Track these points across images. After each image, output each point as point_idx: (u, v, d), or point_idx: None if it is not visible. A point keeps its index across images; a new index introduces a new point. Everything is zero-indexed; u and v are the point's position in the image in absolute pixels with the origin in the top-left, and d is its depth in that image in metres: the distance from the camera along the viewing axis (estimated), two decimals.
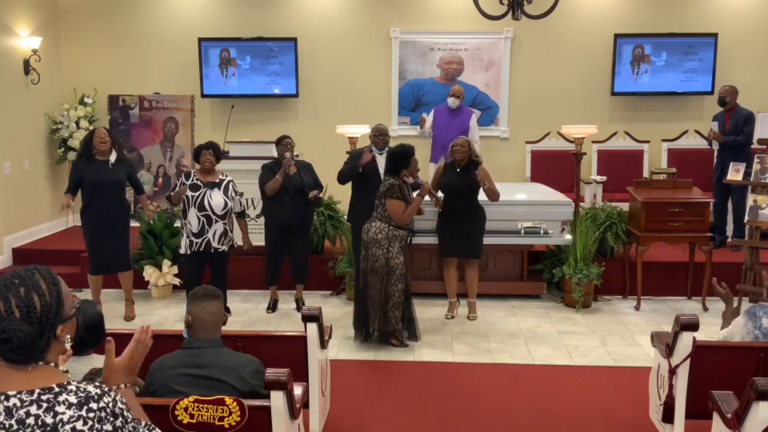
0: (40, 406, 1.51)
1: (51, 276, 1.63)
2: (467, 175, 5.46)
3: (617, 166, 7.83)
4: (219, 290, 2.94)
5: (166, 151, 7.96)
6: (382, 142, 5.61)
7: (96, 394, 1.56)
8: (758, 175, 5.69)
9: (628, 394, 4.21)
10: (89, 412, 1.53)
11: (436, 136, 7.13)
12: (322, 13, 8.19)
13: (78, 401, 1.53)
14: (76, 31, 8.26)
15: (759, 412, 2.52)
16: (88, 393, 1.55)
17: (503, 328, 5.51)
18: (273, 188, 5.57)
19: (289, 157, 5.55)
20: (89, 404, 1.54)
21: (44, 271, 1.63)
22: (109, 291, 5.95)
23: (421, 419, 3.95)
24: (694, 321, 3.24)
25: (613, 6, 8.07)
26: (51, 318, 1.57)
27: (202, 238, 5.28)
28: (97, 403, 1.55)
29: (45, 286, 1.59)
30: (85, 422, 1.51)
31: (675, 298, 6.28)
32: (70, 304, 1.65)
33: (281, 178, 5.52)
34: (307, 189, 5.65)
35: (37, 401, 1.51)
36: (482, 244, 5.66)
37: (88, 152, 5.44)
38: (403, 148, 5.08)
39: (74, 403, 1.53)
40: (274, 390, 2.57)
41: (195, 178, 5.30)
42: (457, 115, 7.12)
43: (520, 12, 5.14)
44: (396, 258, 4.93)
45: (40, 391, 1.53)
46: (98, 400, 1.55)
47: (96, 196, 5.39)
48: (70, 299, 1.66)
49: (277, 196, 5.58)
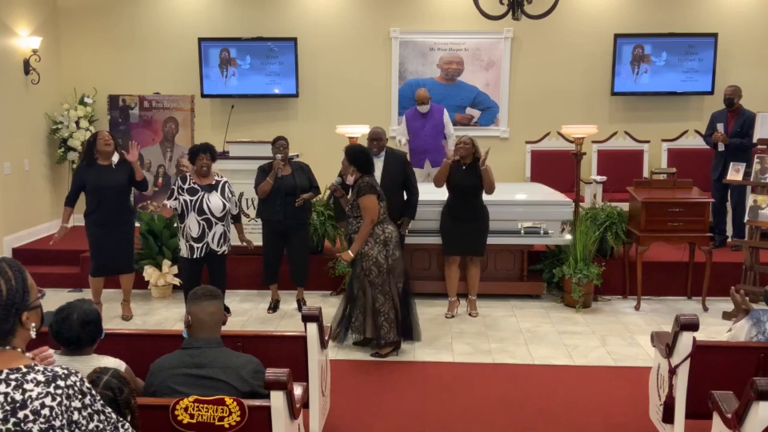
0: (8, 384, 1.56)
1: (17, 265, 1.70)
2: (473, 174, 5.46)
3: (617, 166, 7.83)
4: (219, 290, 2.94)
5: (166, 151, 7.96)
6: (376, 147, 5.55)
7: (63, 373, 1.62)
8: (758, 175, 5.69)
9: (628, 394, 4.21)
10: (57, 389, 1.58)
11: (413, 141, 7.09)
12: (322, 13, 8.19)
13: (45, 379, 1.59)
14: (76, 31, 8.26)
15: (759, 412, 2.52)
16: (55, 372, 1.62)
17: (503, 328, 5.51)
18: (264, 191, 5.54)
19: (279, 159, 5.52)
20: (56, 382, 1.59)
21: (10, 261, 1.70)
22: (108, 291, 5.94)
23: (421, 419, 3.95)
24: (694, 321, 3.24)
25: (613, 6, 8.07)
26: (17, 303, 1.64)
27: (202, 243, 5.25)
28: (65, 381, 1.61)
29: (11, 272, 1.66)
30: (53, 398, 1.57)
31: (675, 298, 6.28)
32: (35, 295, 1.72)
33: (272, 180, 5.49)
34: (299, 191, 5.58)
35: (5, 380, 1.57)
36: (486, 242, 5.65)
37: (90, 157, 5.39)
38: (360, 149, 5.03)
39: (42, 381, 1.58)
40: (274, 390, 2.57)
41: (192, 182, 5.28)
42: (428, 116, 7.08)
43: (520, 12, 5.14)
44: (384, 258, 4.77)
45: (8, 371, 1.59)
46: (65, 378, 1.61)
47: (100, 200, 5.36)
48: (35, 290, 1.72)
49: (269, 198, 5.55)
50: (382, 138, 5.61)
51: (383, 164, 5.57)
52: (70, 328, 2.62)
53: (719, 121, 6.82)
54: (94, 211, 5.39)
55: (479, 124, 8.23)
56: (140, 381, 2.80)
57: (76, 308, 2.67)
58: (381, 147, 5.58)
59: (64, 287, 6.54)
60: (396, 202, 5.51)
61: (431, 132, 7.06)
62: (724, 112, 6.86)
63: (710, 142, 6.91)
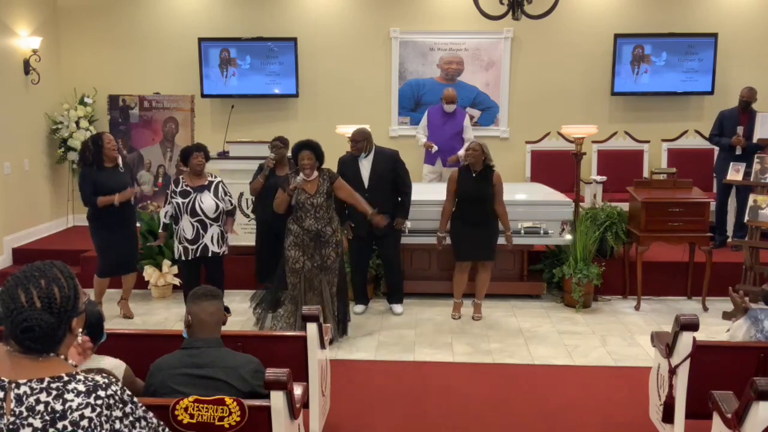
0: (49, 393, 1.55)
1: (68, 270, 1.69)
2: (484, 181, 5.43)
3: (617, 166, 7.83)
4: (219, 290, 2.94)
5: (166, 151, 7.96)
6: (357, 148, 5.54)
7: (104, 383, 1.61)
8: (758, 175, 5.69)
9: (628, 394, 4.21)
10: (97, 399, 1.57)
11: (431, 137, 7.15)
12: (322, 13, 8.19)
13: (86, 389, 1.57)
14: (76, 31, 8.26)
15: (759, 412, 2.52)
16: (96, 382, 1.60)
17: (503, 328, 5.51)
18: (254, 188, 5.56)
19: (271, 158, 5.51)
20: (97, 392, 1.58)
21: (61, 265, 1.68)
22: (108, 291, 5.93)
23: (421, 419, 3.95)
24: (694, 321, 3.24)
25: (613, 6, 8.07)
26: (69, 309, 1.63)
27: (197, 245, 5.26)
28: (105, 391, 1.59)
29: (63, 279, 1.64)
30: (93, 409, 1.55)
31: (675, 298, 6.28)
32: (83, 299, 1.72)
33: (262, 179, 5.49)
34: None
35: (46, 389, 1.55)
36: (496, 246, 5.60)
37: (99, 160, 5.34)
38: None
39: (83, 391, 1.57)
40: (274, 390, 2.57)
41: (184, 184, 5.27)
42: (451, 116, 7.13)
43: (520, 12, 5.14)
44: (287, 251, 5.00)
45: (50, 379, 1.57)
46: (106, 388, 1.60)
47: None
48: (83, 294, 1.72)
49: (260, 196, 5.55)
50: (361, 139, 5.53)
51: (371, 164, 5.56)
52: None
53: (731, 122, 6.70)
54: (103, 213, 5.36)
55: (479, 124, 8.22)
56: (140, 381, 2.80)
57: None
58: (360, 149, 5.53)
59: None
60: (386, 203, 5.47)
61: (450, 133, 7.12)
62: (734, 112, 6.77)
63: (725, 143, 6.75)
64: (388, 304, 5.93)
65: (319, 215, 4.94)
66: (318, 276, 4.98)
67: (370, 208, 5.09)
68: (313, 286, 4.98)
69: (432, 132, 7.19)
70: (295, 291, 4.97)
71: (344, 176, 5.27)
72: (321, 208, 4.94)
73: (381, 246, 5.78)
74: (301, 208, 4.95)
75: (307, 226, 4.94)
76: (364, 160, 5.57)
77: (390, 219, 5.40)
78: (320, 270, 4.97)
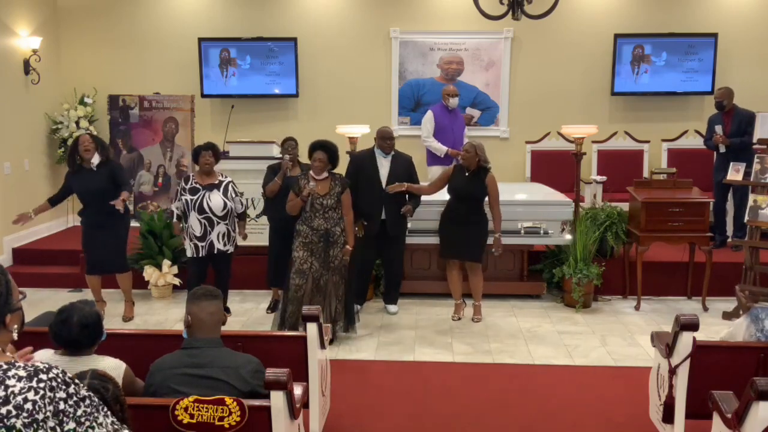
0: None
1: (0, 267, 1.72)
2: (475, 181, 5.44)
3: (617, 166, 7.83)
4: (218, 290, 2.94)
5: (166, 151, 7.96)
6: (389, 146, 5.61)
7: (44, 367, 1.62)
8: (758, 175, 5.69)
9: (628, 394, 4.21)
10: (39, 382, 1.58)
11: (442, 140, 7.05)
12: (322, 13, 8.19)
13: (27, 374, 1.59)
14: (76, 31, 8.26)
15: (759, 412, 2.52)
16: (36, 367, 1.61)
17: (503, 328, 5.51)
18: (271, 190, 5.58)
19: (287, 159, 5.55)
20: (39, 375, 1.59)
21: None
22: (109, 291, 5.94)
23: (421, 419, 3.95)
24: (694, 321, 3.24)
25: (613, 6, 8.07)
26: (2, 305, 1.67)
27: (205, 241, 5.29)
28: (47, 374, 1.60)
29: None
30: (36, 392, 1.57)
31: (675, 298, 6.28)
32: (17, 296, 1.74)
33: (279, 180, 5.52)
34: None
35: None
36: (483, 248, 5.58)
37: (73, 162, 5.44)
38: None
39: (24, 375, 1.58)
40: (274, 390, 2.57)
41: (194, 182, 5.31)
42: (455, 114, 7.11)
43: (520, 12, 5.14)
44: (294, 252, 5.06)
45: None
46: (47, 372, 1.61)
47: (87, 203, 5.50)
48: (17, 292, 1.75)
49: (275, 198, 5.57)
50: (393, 137, 5.68)
51: (390, 165, 5.60)
52: (69, 330, 2.61)
53: (716, 124, 6.79)
54: (83, 212, 5.55)
55: (479, 124, 8.23)
56: (140, 381, 2.80)
57: (77, 310, 2.65)
58: (392, 146, 5.64)
59: (64, 287, 6.54)
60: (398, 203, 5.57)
61: (459, 132, 7.05)
62: (719, 114, 6.85)
63: (711, 145, 6.87)
64: (384, 303, 5.94)
65: (328, 215, 5.03)
66: (325, 276, 5.01)
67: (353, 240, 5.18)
68: (319, 286, 5.01)
69: (442, 134, 7.02)
70: (299, 293, 4.98)
71: (362, 172, 5.49)
72: (331, 209, 5.04)
73: (387, 247, 5.77)
74: (311, 208, 5.02)
75: (316, 226, 5.01)
76: (384, 160, 5.59)
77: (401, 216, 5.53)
78: (327, 270, 5.01)
